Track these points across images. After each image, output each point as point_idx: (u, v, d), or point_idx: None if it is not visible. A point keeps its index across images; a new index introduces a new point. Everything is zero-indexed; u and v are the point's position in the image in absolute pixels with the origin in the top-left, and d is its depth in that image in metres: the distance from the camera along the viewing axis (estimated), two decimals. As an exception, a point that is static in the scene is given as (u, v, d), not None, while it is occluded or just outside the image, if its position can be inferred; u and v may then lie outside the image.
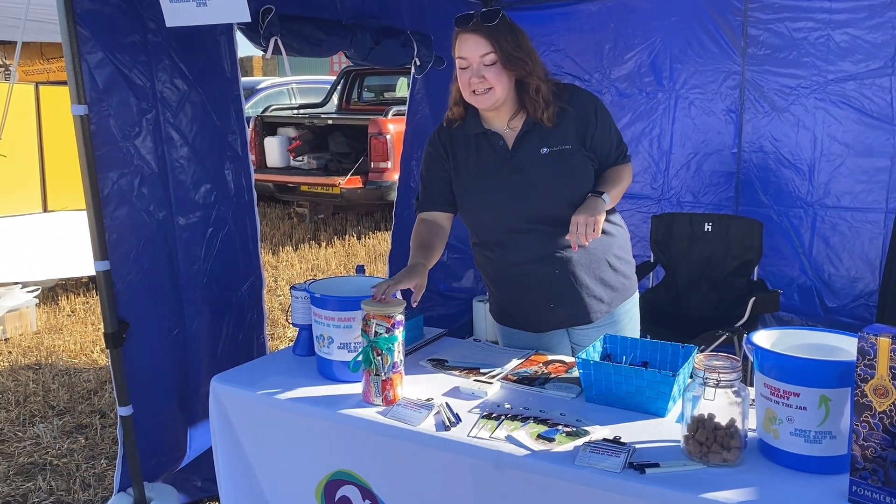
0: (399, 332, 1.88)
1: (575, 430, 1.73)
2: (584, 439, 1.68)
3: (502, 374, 2.08)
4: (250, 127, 8.30)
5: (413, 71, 3.74)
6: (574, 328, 2.29)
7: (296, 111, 9.21)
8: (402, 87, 9.93)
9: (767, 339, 1.65)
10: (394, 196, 4.60)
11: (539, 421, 1.78)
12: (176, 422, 2.66)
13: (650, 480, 1.52)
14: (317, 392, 2.01)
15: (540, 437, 1.70)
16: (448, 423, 1.79)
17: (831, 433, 1.49)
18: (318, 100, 10.05)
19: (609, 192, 2.09)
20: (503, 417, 1.80)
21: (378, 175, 7.58)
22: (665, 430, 1.73)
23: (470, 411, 1.86)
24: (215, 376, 2.15)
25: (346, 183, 7.58)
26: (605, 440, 1.67)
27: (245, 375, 2.15)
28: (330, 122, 8.33)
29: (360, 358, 1.90)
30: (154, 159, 2.52)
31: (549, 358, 2.21)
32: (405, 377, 1.96)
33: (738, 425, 1.55)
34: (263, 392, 2.03)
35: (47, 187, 5.70)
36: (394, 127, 7.38)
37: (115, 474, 2.59)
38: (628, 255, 2.32)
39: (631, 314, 2.33)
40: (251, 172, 2.89)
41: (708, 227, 3.72)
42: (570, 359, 2.20)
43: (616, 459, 1.57)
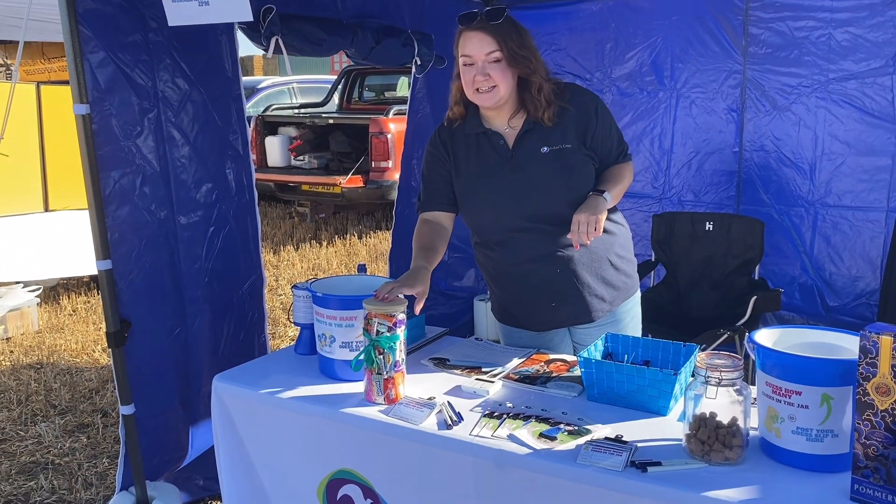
0: (401, 331, 1.89)
1: (577, 428, 1.73)
2: (586, 438, 1.68)
3: (504, 373, 2.08)
4: (251, 126, 8.30)
5: (414, 70, 3.74)
6: (576, 327, 2.29)
7: (297, 111, 9.21)
8: (403, 87, 9.93)
9: (769, 337, 1.65)
10: (395, 195, 4.60)
11: (541, 420, 1.78)
12: (178, 421, 2.66)
13: (652, 479, 1.52)
14: (318, 391, 2.01)
15: (542, 435, 1.70)
16: (450, 422, 1.79)
17: (833, 431, 1.49)
18: (318, 99, 10.05)
19: (610, 190, 2.09)
20: (505, 416, 1.80)
21: (379, 174, 7.58)
22: (667, 428, 1.73)
23: (472, 410, 1.86)
24: (217, 375, 2.15)
25: (347, 182, 7.58)
26: (606, 439, 1.67)
27: (247, 374, 2.16)
28: (331, 121, 8.34)
29: (361, 357, 1.90)
30: (156, 158, 2.52)
31: (551, 357, 2.21)
32: (407, 376, 1.96)
33: (740, 424, 1.55)
34: (265, 391, 2.03)
35: (48, 187, 5.71)
36: (395, 126, 7.39)
37: (117, 473, 2.60)
38: (630, 253, 2.32)
39: (633, 313, 2.33)
40: (252, 172, 2.90)
41: (709, 226, 3.72)
42: (571, 358, 2.20)
43: (618, 458, 1.57)
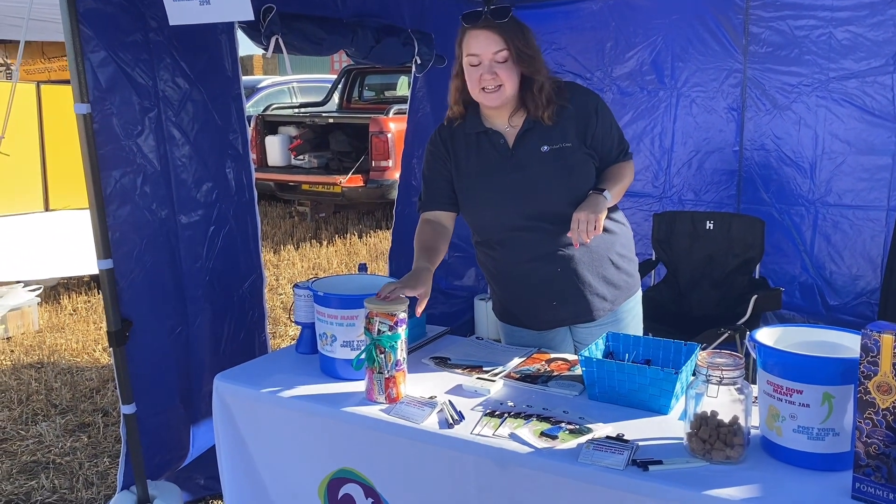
0: (402, 330, 1.89)
1: (578, 427, 1.73)
2: (587, 437, 1.68)
3: (505, 372, 2.08)
4: (251, 126, 8.30)
5: (414, 69, 3.74)
6: (577, 326, 2.29)
7: (297, 110, 9.21)
8: (403, 86, 9.93)
9: (770, 336, 1.65)
10: (395, 195, 4.60)
11: (542, 418, 1.78)
12: (179, 420, 2.66)
13: (653, 478, 1.52)
14: (320, 390, 2.02)
15: (543, 434, 1.70)
16: (451, 421, 1.79)
17: (834, 430, 1.49)
18: (318, 98, 10.05)
19: (611, 189, 2.09)
20: (506, 415, 1.80)
21: (379, 174, 7.58)
22: (668, 427, 1.73)
23: (473, 409, 1.86)
24: (218, 374, 2.15)
25: (347, 182, 7.58)
26: (608, 437, 1.67)
27: (248, 374, 2.16)
28: (331, 120, 8.34)
29: (363, 356, 1.90)
30: (156, 158, 2.52)
31: (552, 356, 2.21)
32: (408, 375, 1.96)
33: (741, 422, 1.55)
34: (266, 390, 2.03)
35: (49, 186, 5.71)
36: (395, 125, 7.39)
37: (118, 472, 2.60)
38: (631, 252, 2.32)
39: (634, 312, 2.33)
40: (252, 171, 2.90)
41: (709, 225, 3.72)
42: (572, 357, 2.20)
43: (619, 457, 1.58)
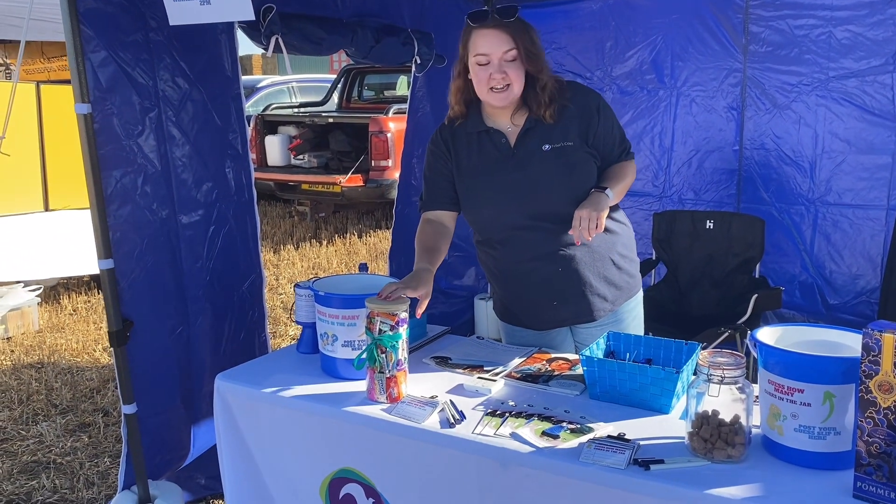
0: (403, 330, 1.89)
1: (579, 426, 1.73)
2: (589, 436, 1.68)
3: (506, 372, 2.08)
4: (251, 125, 8.30)
5: (414, 69, 3.74)
6: (578, 326, 2.29)
7: (296, 110, 9.21)
8: (403, 86, 9.93)
9: (771, 335, 1.65)
10: (394, 194, 4.60)
11: (543, 418, 1.78)
12: (180, 420, 2.66)
13: (655, 477, 1.52)
14: (321, 390, 2.02)
15: (544, 434, 1.70)
16: (452, 421, 1.79)
17: (835, 429, 1.49)
18: (318, 98, 10.05)
19: (612, 187, 2.09)
20: (507, 415, 1.80)
21: (379, 173, 7.58)
22: (669, 426, 1.74)
23: (474, 408, 1.86)
24: (219, 374, 2.15)
25: (347, 181, 7.58)
26: (609, 437, 1.67)
27: (249, 373, 2.16)
28: (330, 120, 8.34)
29: (364, 355, 1.90)
30: (157, 157, 2.52)
31: (553, 355, 2.21)
32: (409, 375, 1.97)
33: (743, 422, 1.55)
34: (268, 390, 2.03)
35: (48, 186, 5.70)
36: (394, 125, 7.39)
37: (119, 472, 2.60)
38: (632, 252, 2.32)
39: (635, 312, 2.33)
40: (251, 171, 2.90)
41: (709, 224, 3.72)
42: (573, 356, 2.20)
43: (621, 456, 1.58)
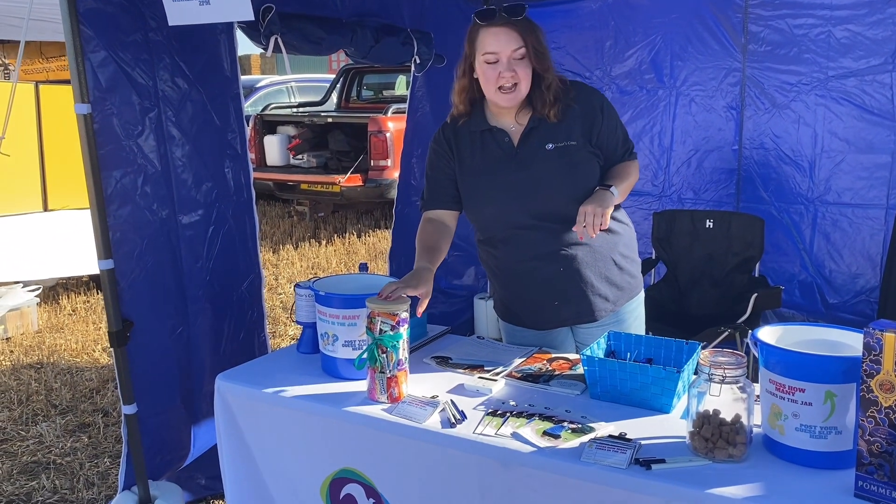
0: (404, 330, 1.89)
1: (580, 426, 1.73)
2: (590, 436, 1.68)
3: (506, 372, 2.08)
4: (250, 125, 8.29)
5: (413, 69, 3.74)
6: (579, 326, 2.29)
7: (295, 110, 9.21)
8: (401, 85, 9.93)
9: (772, 335, 1.65)
10: (394, 194, 4.60)
11: (544, 418, 1.78)
12: (180, 420, 2.66)
13: (656, 476, 1.52)
14: (321, 390, 2.01)
15: (545, 433, 1.70)
16: (453, 421, 1.79)
17: (837, 428, 1.49)
18: (317, 98, 10.05)
19: (617, 186, 2.09)
20: (508, 414, 1.80)
21: (378, 173, 7.58)
22: (670, 426, 1.74)
23: (475, 408, 1.86)
24: (220, 374, 2.15)
25: (346, 181, 7.58)
26: (610, 436, 1.67)
27: (249, 373, 2.16)
28: (329, 120, 8.33)
29: (365, 355, 1.90)
30: (157, 158, 2.52)
31: (553, 355, 2.21)
32: (409, 375, 1.96)
33: (744, 421, 1.55)
34: (268, 390, 2.03)
35: (47, 186, 5.69)
36: (393, 125, 7.38)
37: (119, 472, 2.60)
38: (634, 253, 2.32)
39: (636, 313, 2.33)
40: (250, 171, 2.90)
41: (709, 223, 3.72)
42: (573, 356, 2.20)
43: (622, 455, 1.58)
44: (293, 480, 2.08)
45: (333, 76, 10.45)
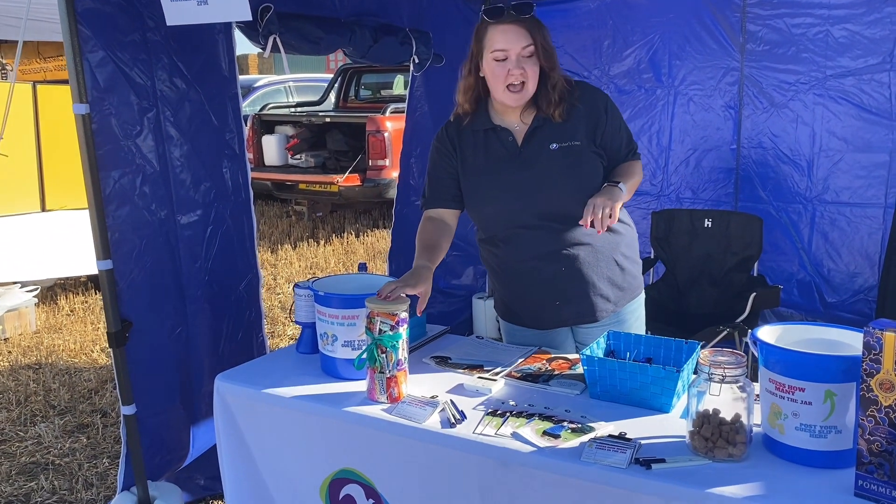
0: (403, 330, 1.89)
1: (580, 426, 1.73)
2: (590, 435, 1.68)
3: (506, 372, 2.08)
4: (248, 125, 8.28)
5: (412, 69, 3.74)
6: (579, 326, 2.29)
7: (293, 109, 9.20)
8: (399, 85, 9.93)
9: (772, 334, 1.65)
10: (392, 193, 4.60)
11: (544, 417, 1.78)
12: (179, 420, 2.66)
13: (656, 476, 1.52)
14: (321, 390, 2.01)
15: (545, 433, 1.70)
16: (453, 421, 1.79)
17: (837, 428, 1.49)
18: (315, 98, 10.04)
19: (625, 183, 2.08)
20: (508, 414, 1.80)
21: (376, 173, 7.58)
22: (670, 425, 1.74)
23: (475, 408, 1.86)
24: (219, 375, 2.15)
25: (345, 181, 7.58)
26: (610, 436, 1.67)
27: (249, 374, 2.15)
28: (328, 119, 8.33)
29: (364, 355, 1.90)
30: (155, 158, 2.52)
31: (553, 354, 2.21)
32: (409, 375, 1.96)
33: (744, 420, 1.56)
34: (268, 390, 2.02)
35: (45, 186, 5.69)
36: (391, 124, 7.38)
37: (119, 473, 2.59)
38: (636, 254, 2.31)
39: (637, 314, 2.32)
40: (248, 171, 2.90)
41: (708, 223, 3.72)
42: (573, 355, 2.20)
43: (622, 455, 1.58)
44: (293, 481, 2.08)
45: (331, 76, 10.45)
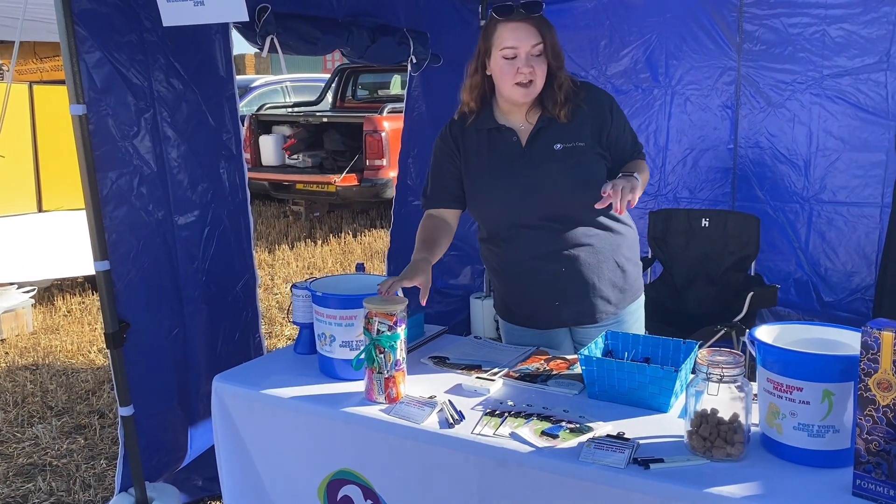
0: (401, 330, 1.88)
1: (578, 426, 1.73)
2: (588, 435, 1.68)
3: (504, 372, 2.08)
4: (245, 125, 8.28)
5: (409, 69, 3.73)
6: (578, 327, 2.28)
7: (290, 109, 9.19)
8: (396, 85, 9.93)
9: (770, 334, 1.65)
10: (389, 193, 4.60)
11: (542, 418, 1.78)
12: (177, 421, 2.66)
13: (654, 476, 1.52)
14: (319, 390, 2.01)
15: (544, 433, 1.70)
16: (451, 421, 1.79)
17: (834, 427, 1.50)
18: (312, 98, 10.04)
19: (640, 175, 2.05)
20: (506, 414, 1.80)
21: (373, 172, 7.57)
22: (668, 425, 1.74)
23: (473, 409, 1.86)
24: (217, 375, 2.15)
25: (342, 181, 7.57)
26: (608, 436, 1.67)
27: (247, 374, 2.15)
28: (325, 119, 8.32)
29: (362, 356, 1.89)
30: (153, 158, 2.52)
31: (551, 355, 2.21)
32: (407, 375, 1.96)
33: (742, 420, 1.56)
34: (266, 391, 2.02)
35: (42, 187, 5.68)
36: (389, 124, 7.37)
37: (116, 474, 2.59)
38: (636, 255, 2.30)
39: (637, 315, 2.32)
40: (245, 171, 2.90)
41: (705, 222, 3.73)
42: (571, 356, 2.20)
43: (620, 455, 1.58)
44: (291, 482, 2.07)
45: (328, 76, 10.45)
